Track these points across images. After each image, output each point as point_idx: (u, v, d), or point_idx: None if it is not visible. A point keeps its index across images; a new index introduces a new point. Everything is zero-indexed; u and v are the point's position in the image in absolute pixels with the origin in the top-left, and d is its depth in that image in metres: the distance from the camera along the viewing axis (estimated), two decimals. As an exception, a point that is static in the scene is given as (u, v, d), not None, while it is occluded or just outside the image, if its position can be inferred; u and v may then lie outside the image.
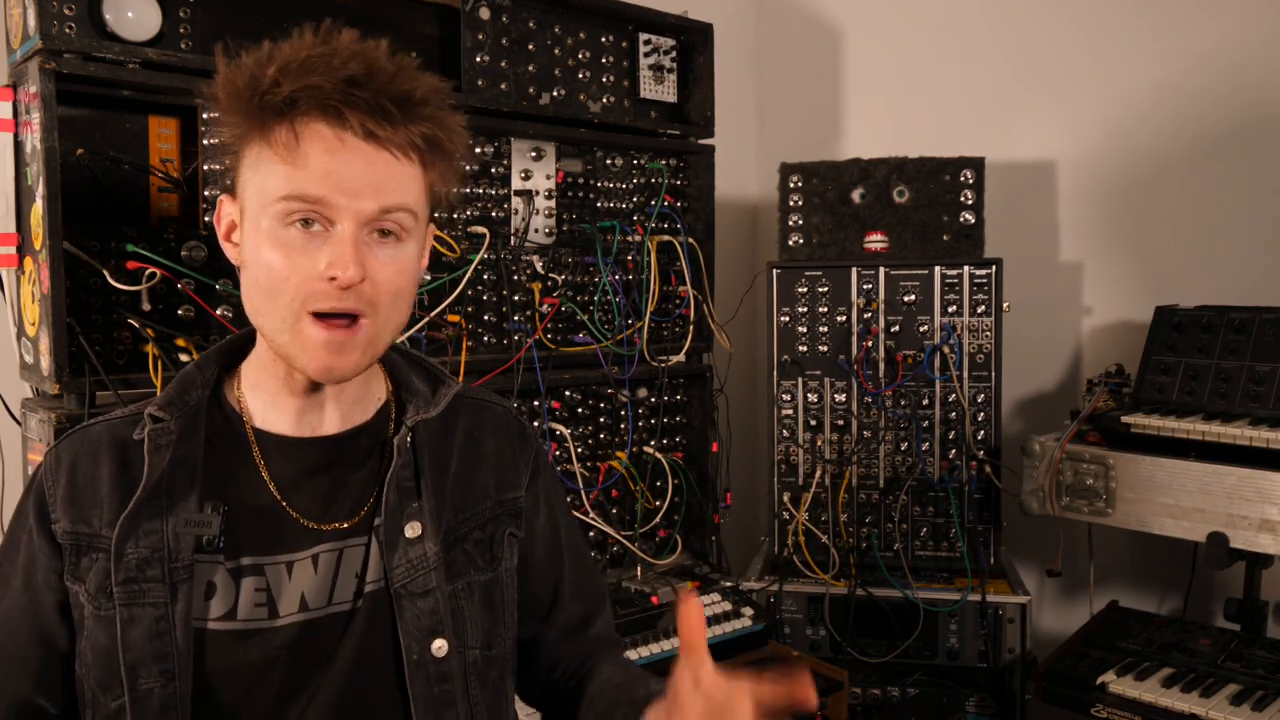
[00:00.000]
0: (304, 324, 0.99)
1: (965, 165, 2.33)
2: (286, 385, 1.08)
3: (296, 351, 1.00)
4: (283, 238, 0.98)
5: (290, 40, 0.99)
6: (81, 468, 1.06)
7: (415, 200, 1.03)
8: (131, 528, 1.02)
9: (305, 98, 0.95)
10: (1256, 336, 2.01)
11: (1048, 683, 1.97)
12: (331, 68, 0.96)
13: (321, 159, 0.97)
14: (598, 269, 2.16)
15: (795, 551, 2.33)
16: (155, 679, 1.00)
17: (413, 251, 1.05)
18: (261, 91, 0.96)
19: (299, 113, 0.96)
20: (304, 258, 0.98)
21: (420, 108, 1.00)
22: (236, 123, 1.00)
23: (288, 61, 0.96)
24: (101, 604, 1.02)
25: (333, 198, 0.97)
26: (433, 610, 1.10)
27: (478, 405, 1.25)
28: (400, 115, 0.98)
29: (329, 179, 0.96)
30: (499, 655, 1.18)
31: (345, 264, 0.96)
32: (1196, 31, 2.35)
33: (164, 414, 1.04)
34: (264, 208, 0.99)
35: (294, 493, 1.08)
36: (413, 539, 1.10)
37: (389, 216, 1.00)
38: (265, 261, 0.99)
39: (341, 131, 0.97)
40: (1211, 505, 1.86)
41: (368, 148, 0.98)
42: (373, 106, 0.96)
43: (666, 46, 2.28)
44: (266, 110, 0.97)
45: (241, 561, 1.06)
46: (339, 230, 0.98)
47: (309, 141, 0.97)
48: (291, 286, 0.98)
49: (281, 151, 0.97)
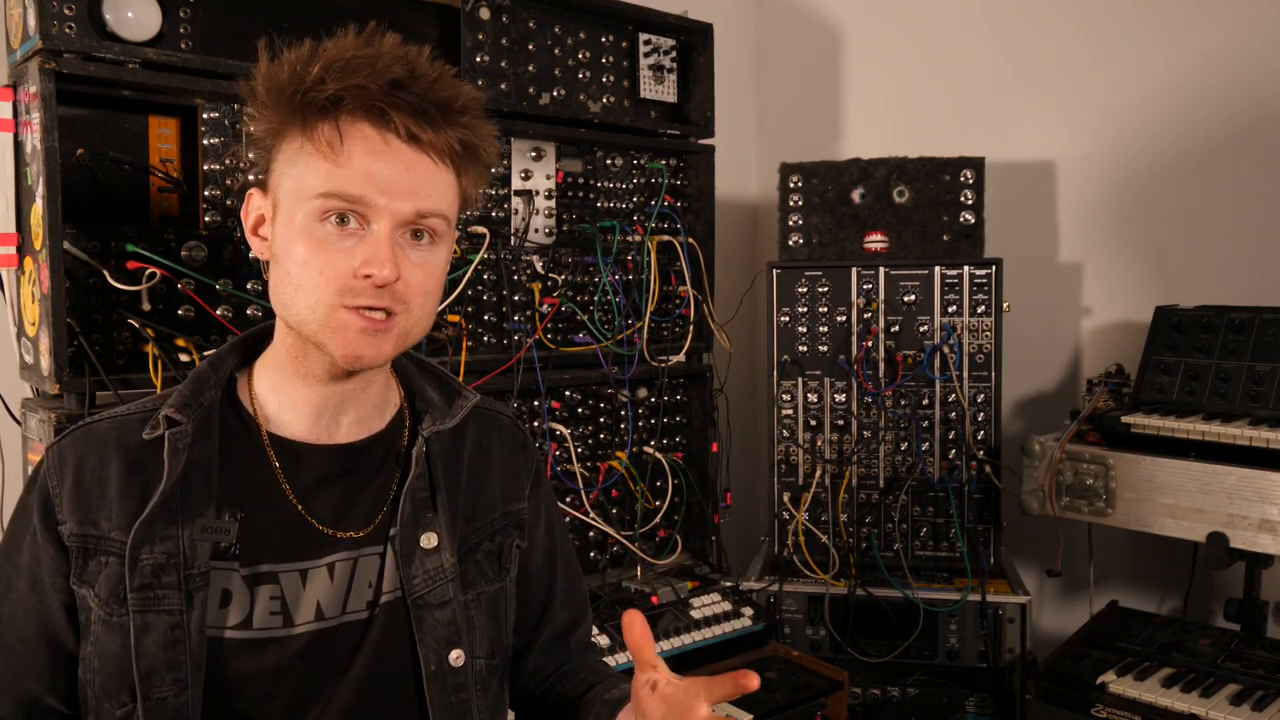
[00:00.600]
0: (339, 313, 0.99)
1: (965, 165, 2.33)
2: (305, 382, 1.07)
3: (328, 338, 1.00)
4: (317, 233, 0.99)
5: (334, 40, 1.00)
6: (88, 466, 1.03)
7: (449, 205, 1.04)
8: (147, 534, 1.00)
9: (351, 97, 0.96)
10: (1256, 336, 2.01)
11: (1048, 683, 1.97)
12: (376, 70, 0.97)
13: (364, 159, 0.98)
14: (598, 269, 2.16)
15: (795, 551, 2.33)
16: (169, 688, 0.99)
17: (443, 255, 1.06)
18: (305, 89, 0.97)
19: (343, 111, 0.97)
20: (339, 254, 0.98)
21: (460, 114, 1.01)
22: (274, 117, 1.00)
23: (333, 61, 0.97)
24: (113, 610, 1.00)
25: (372, 197, 0.98)
26: (450, 620, 1.10)
27: (485, 415, 1.25)
28: (441, 120, 1.00)
29: (370, 179, 0.97)
30: (500, 664, 1.19)
31: (382, 263, 0.97)
32: (1197, 32, 2.35)
33: (181, 416, 1.03)
34: (300, 203, 0.99)
35: (311, 500, 1.07)
36: (429, 550, 1.10)
37: (424, 220, 1.01)
38: (299, 256, 0.99)
39: (385, 133, 0.98)
40: (1211, 505, 1.86)
41: (409, 150, 0.99)
42: (416, 110, 0.98)
43: (666, 46, 2.28)
44: (310, 107, 0.98)
45: (258, 569, 1.04)
46: (375, 230, 0.99)
47: (352, 140, 0.98)
48: (325, 281, 0.98)
49: (324, 148, 0.97)
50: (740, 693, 0.97)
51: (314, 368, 1.06)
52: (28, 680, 1.03)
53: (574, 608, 1.33)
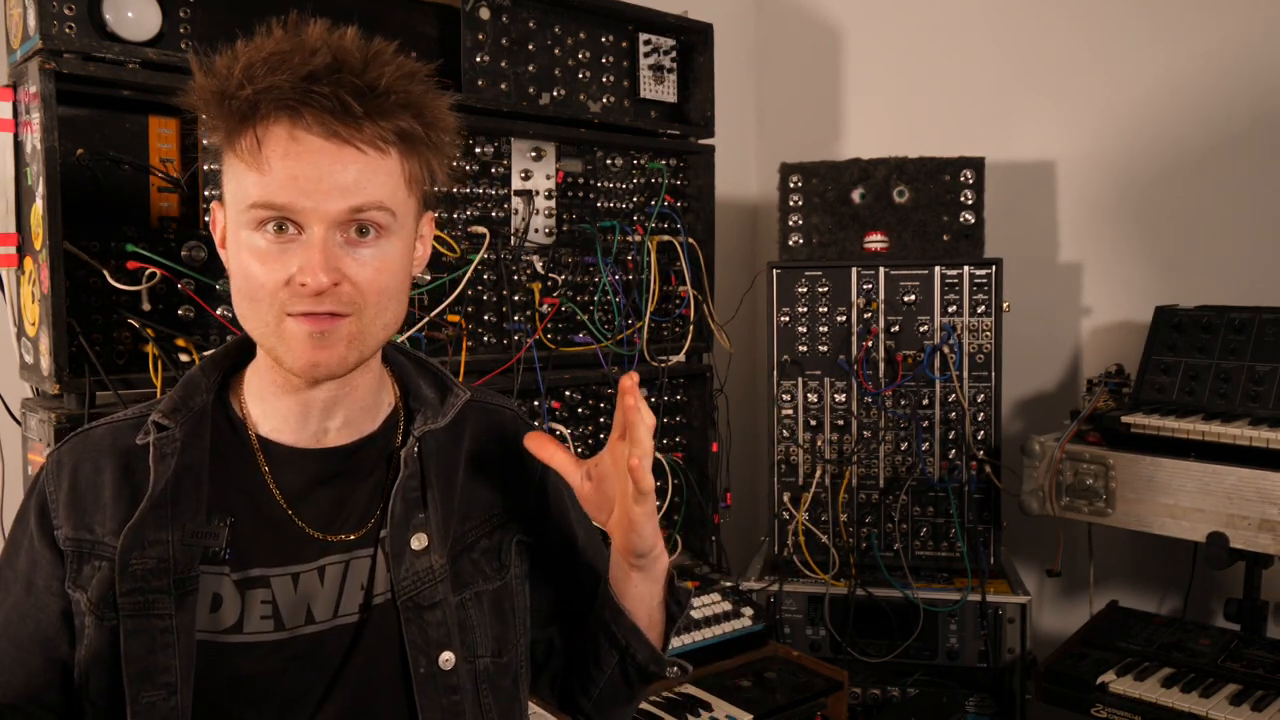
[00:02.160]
0: (285, 322, 0.96)
1: (965, 165, 2.33)
2: (286, 391, 1.05)
3: (283, 352, 0.98)
4: (257, 245, 0.96)
5: (258, 37, 0.96)
6: (83, 472, 1.03)
7: (391, 195, 0.98)
8: (137, 538, 0.99)
9: (266, 100, 0.92)
10: (1256, 336, 2.01)
11: (1048, 683, 1.97)
12: (292, 65, 0.92)
13: (283, 163, 0.93)
14: (598, 269, 2.15)
15: (795, 551, 2.33)
16: (158, 691, 0.98)
17: (396, 248, 1.00)
18: (229, 95, 0.93)
19: (260, 116, 0.93)
20: (278, 264, 0.95)
21: (387, 98, 0.95)
22: (215, 127, 0.97)
23: (251, 61, 0.93)
24: (104, 614, 1.00)
25: (298, 202, 0.93)
26: (440, 623, 1.08)
27: (486, 410, 1.23)
28: (365, 109, 0.94)
29: (294, 183, 0.93)
30: (511, 662, 1.16)
31: (314, 270, 0.93)
32: (1197, 31, 2.35)
33: (169, 421, 1.02)
34: (238, 215, 0.97)
35: (301, 503, 1.07)
36: (419, 551, 1.09)
37: (361, 215, 0.96)
38: (244, 268, 0.97)
39: (301, 132, 0.93)
40: (1211, 505, 1.86)
41: (330, 146, 0.94)
42: (333, 103, 0.92)
43: (666, 46, 2.28)
44: (233, 116, 0.94)
45: (249, 573, 1.04)
46: (310, 235, 0.95)
47: (270, 145, 0.93)
48: (268, 293, 0.95)
49: (247, 158, 0.94)
50: (633, 414, 0.98)
51: (289, 378, 1.04)
52: (23, 683, 1.03)
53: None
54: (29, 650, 1.03)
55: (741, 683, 1.96)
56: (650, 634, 1.14)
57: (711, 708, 1.85)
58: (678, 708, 1.84)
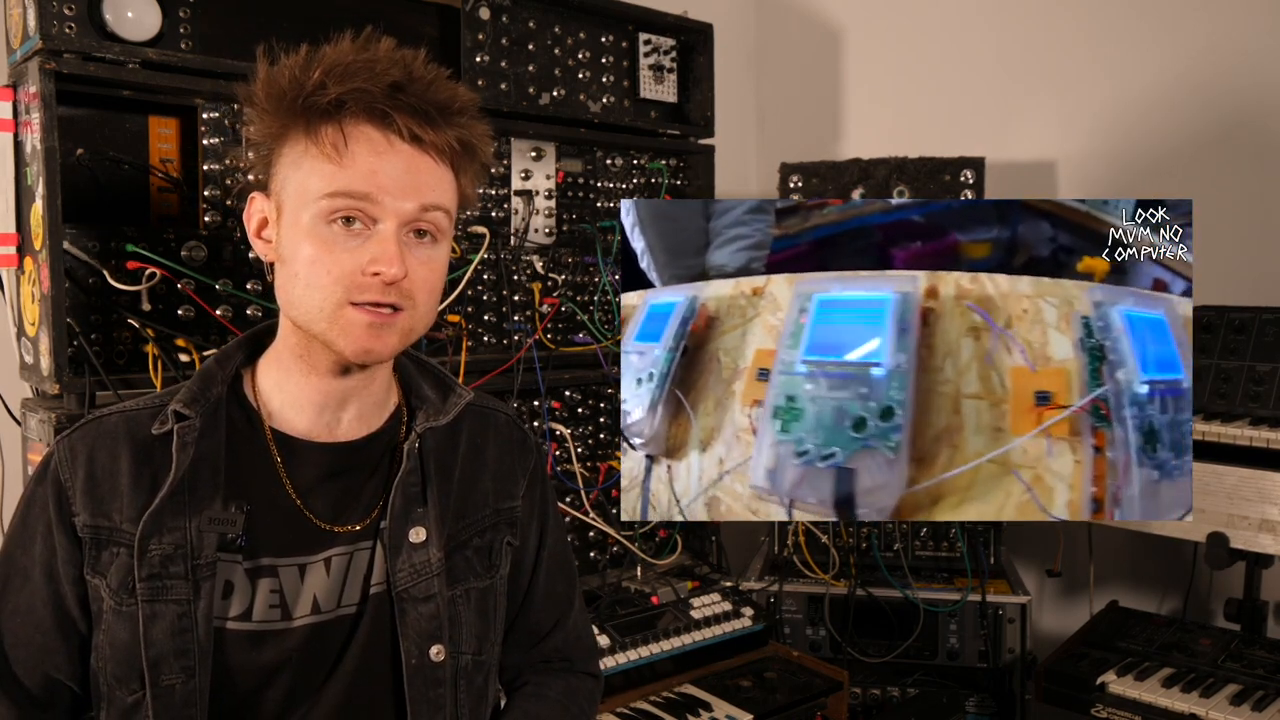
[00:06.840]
0: (346, 310, 1.01)
1: (965, 165, 2.33)
2: (310, 377, 1.09)
3: (336, 336, 1.02)
4: (324, 233, 1.01)
5: (332, 45, 1.03)
6: (99, 460, 1.06)
7: (450, 202, 1.07)
8: (156, 525, 1.03)
9: (353, 100, 0.99)
10: (1256, 336, 2.01)
11: (1048, 683, 1.97)
12: (375, 73, 1.00)
13: (368, 159, 1.00)
14: (598, 269, 2.16)
15: (795, 551, 2.33)
16: (177, 675, 1.02)
17: (444, 252, 1.09)
18: (306, 93, 1.00)
19: (346, 114, 1.00)
20: (345, 254, 1.01)
21: (457, 115, 1.05)
22: (275, 122, 1.03)
23: (332, 65, 1.00)
24: (123, 600, 1.03)
25: (378, 196, 1.00)
26: (433, 615, 1.12)
27: (482, 412, 1.26)
28: (440, 120, 1.03)
29: (374, 178, 1.00)
30: (487, 661, 1.20)
31: (391, 260, 1.00)
32: (1196, 31, 2.35)
33: (189, 411, 1.06)
34: (306, 204, 1.01)
35: (311, 495, 1.10)
36: (417, 544, 1.12)
37: (427, 215, 1.04)
38: (307, 256, 1.01)
39: (388, 134, 1.01)
40: (1211, 505, 1.86)
41: (411, 150, 1.02)
42: (416, 111, 1.01)
43: (666, 46, 2.28)
44: (312, 111, 1.00)
45: (260, 562, 1.07)
46: (382, 228, 1.01)
47: (356, 142, 1.00)
48: (332, 280, 1.00)
49: (329, 151, 1.00)
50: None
51: (319, 363, 1.08)
52: (48, 667, 1.06)
53: (552, 610, 1.32)
54: (55, 635, 1.06)
55: (741, 683, 1.96)
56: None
57: (711, 708, 1.86)
58: (678, 708, 1.84)
